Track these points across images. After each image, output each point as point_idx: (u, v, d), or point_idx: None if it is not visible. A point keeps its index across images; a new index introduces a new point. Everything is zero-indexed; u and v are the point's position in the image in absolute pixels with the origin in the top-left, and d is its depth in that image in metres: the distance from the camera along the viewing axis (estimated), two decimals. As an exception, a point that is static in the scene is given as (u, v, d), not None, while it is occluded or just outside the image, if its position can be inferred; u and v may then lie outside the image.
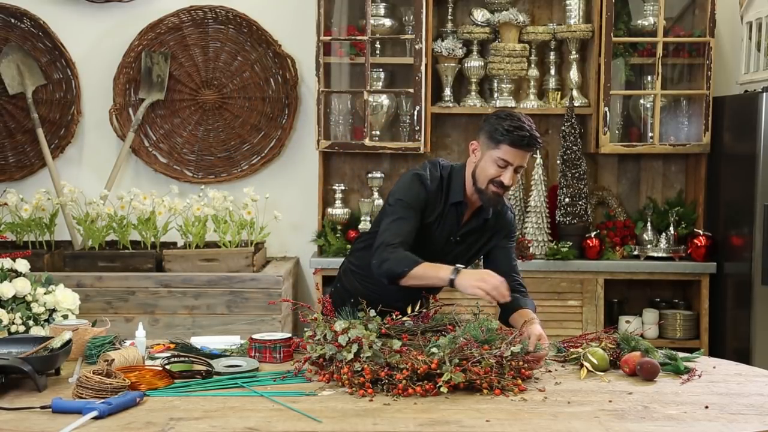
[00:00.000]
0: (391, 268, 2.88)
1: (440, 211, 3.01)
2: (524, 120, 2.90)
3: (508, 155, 2.86)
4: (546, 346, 2.76)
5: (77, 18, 5.08)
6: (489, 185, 2.91)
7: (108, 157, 5.09)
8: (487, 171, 2.90)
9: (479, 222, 3.06)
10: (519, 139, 2.84)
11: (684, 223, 4.91)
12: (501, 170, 2.88)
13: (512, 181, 2.89)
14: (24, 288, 3.21)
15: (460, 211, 3.02)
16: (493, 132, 2.88)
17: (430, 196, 2.98)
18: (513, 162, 2.87)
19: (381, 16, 4.93)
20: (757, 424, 2.25)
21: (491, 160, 2.89)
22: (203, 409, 2.31)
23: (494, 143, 2.88)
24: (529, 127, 2.88)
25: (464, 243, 3.07)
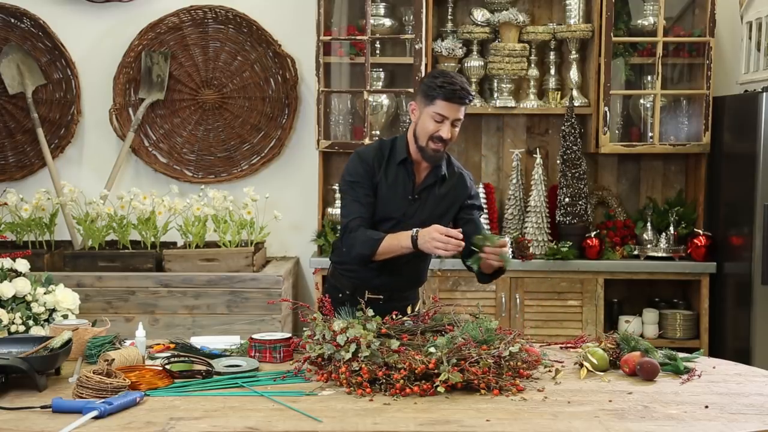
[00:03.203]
0: (359, 252, 3.06)
1: (389, 175, 3.14)
2: (455, 76, 3.07)
3: (443, 109, 3.01)
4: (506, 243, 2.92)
5: (77, 18, 5.08)
6: (429, 142, 3.06)
7: (108, 157, 5.09)
8: (426, 127, 3.05)
9: (436, 178, 3.18)
10: (451, 93, 2.99)
11: (684, 223, 4.91)
12: (438, 125, 3.03)
13: (450, 134, 3.03)
14: (24, 288, 3.21)
15: (410, 170, 3.15)
16: (427, 90, 3.04)
17: (370, 165, 3.13)
18: (448, 116, 3.01)
19: (381, 16, 4.93)
20: (757, 423, 2.25)
21: (428, 116, 3.04)
22: (203, 409, 2.32)
23: (429, 100, 3.03)
24: (461, 82, 3.02)
25: (425, 200, 3.17)
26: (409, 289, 3.29)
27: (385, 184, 3.14)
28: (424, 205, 3.17)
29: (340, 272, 3.30)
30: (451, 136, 3.05)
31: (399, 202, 3.15)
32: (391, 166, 3.15)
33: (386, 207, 3.14)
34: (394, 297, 3.04)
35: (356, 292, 3.11)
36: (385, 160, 3.16)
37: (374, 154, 3.16)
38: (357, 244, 3.06)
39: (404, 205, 3.15)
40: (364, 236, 3.05)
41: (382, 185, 3.14)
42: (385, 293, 2.99)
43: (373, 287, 3.17)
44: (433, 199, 3.18)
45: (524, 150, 5.11)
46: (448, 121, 3.02)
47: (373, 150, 3.19)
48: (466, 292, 4.76)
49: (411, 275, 3.23)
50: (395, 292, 3.15)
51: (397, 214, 3.13)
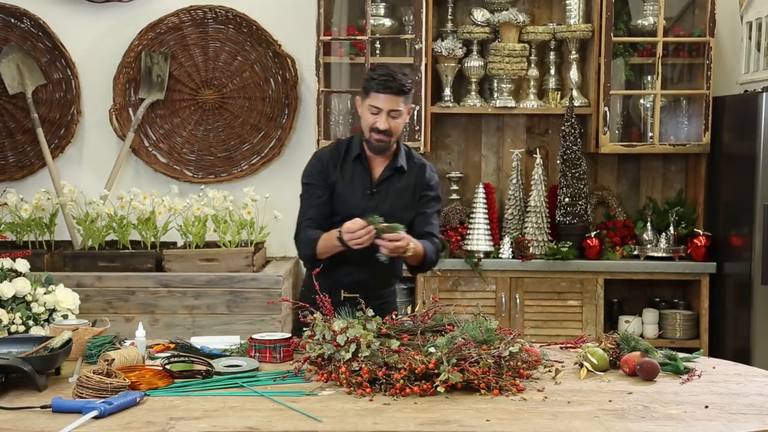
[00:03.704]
0: (303, 253, 3.22)
1: (346, 172, 3.22)
2: (391, 68, 3.13)
3: (378, 101, 3.09)
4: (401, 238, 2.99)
5: (77, 18, 5.08)
6: (371, 133, 3.14)
7: (108, 157, 5.09)
8: (366, 120, 3.15)
9: (393, 170, 3.24)
10: (383, 84, 3.07)
11: (684, 223, 4.91)
12: (375, 117, 3.11)
13: (388, 125, 3.11)
14: (24, 288, 3.21)
15: (365, 165, 3.23)
16: (364, 84, 3.15)
17: (324, 165, 3.23)
18: (383, 107, 3.09)
19: (381, 16, 4.93)
20: (757, 423, 2.25)
21: (366, 109, 3.14)
22: (203, 409, 2.32)
23: (366, 93, 3.14)
24: (394, 72, 3.08)
25: (384, 194, 3.23)
26: (384, 287, 3.30)
27: (342, 181, 3.22)
28: (384, 198, 3.22)
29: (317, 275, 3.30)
30: (391, 127, 3.11)
31: (358, 198, 3.21)
32: (348, 164, 3.24)
33: (346, 204, 3.20)
34: (371, 295, 3.03)
35: (332, 293, 3.06)
36: (341, 158, 3.25)
37: (330, 154, 3.27)
38: (301, 246, 3.23)
39: (363, 200, 3.21)
40: (306, 237, 3.20)
41: (339, 183, 3.22)
42: (361, 292, 3.00)
43: (347, 286, 3.19)
44: (393, 192, 3.23)
45: (524, 150, 5.12)
46: (383, 112, 3.10)
47: (330, 150, 3.31)
48: (466, 292, 4.76)
49: (382, 272, 3.20)
50: (371, 290, 3.14)
51: (358, 210, 3.17)
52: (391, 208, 3.20)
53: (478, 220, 4.82)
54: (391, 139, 3.16)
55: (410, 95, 3.16)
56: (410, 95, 3.16)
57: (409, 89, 3.13)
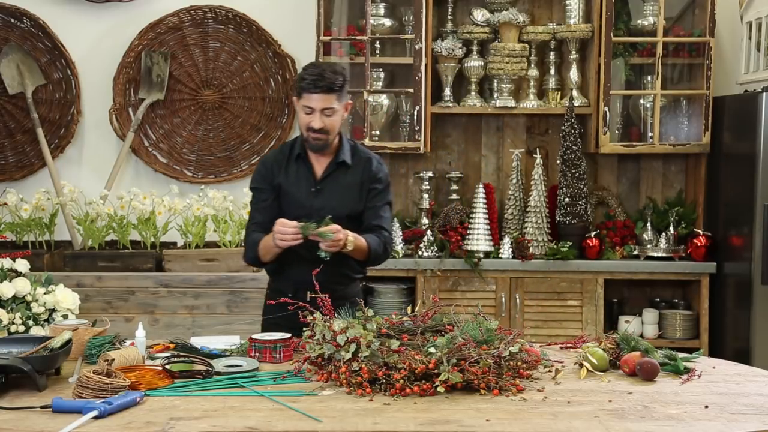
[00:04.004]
0: (248, 256, 3.28)
1: (290, 172, 3.26)
2: (321, 66, 3.17)
3: (309, 101, 3.12)
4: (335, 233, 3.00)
5: (77, 18, 5.08)
6: (308, 133, 3.17)
7: (108, 157, 5.09)
8: (301, 120, 3.19)
9: (335, 166, 3.26)
10: (313, 84, 3.09)
11: (684, 223, 4.91)
12: (309, 116, 3.14)
13: (323, 123, 3.13)
14: (24, 288, 3.21)
15: (307, 163, 3.26)
16: (295, 85, 3.19)
17: (268, 169, 3.28)
18: (316, 106, 3.12)
19: (381, 16, 4.93)
20: (757, 423, 2.25)
21: (300, 109, 3.17)
22: (203, 409, 2.31)
23: (298, 94, 3.16)
24: (323, 71, 3.12)
25: (330, 190, 3.24)
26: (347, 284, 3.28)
27: (287, 182, 3.26)
28: (330, 194, 3.23)
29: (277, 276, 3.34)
30: (326, 125, 3.14)
31: (304, 196, 3.24)
32: (291, 164, 3.28)
33: (293, 203, 3.23)
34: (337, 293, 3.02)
35: (298, 294, 3.05)
36: (285, 159, 3.28)
37: (274, 157, 3.32)
38: (246, 249, 3.29)
39: (309, 198, 3.23)
40: (251, 240, 3.25)
41: (284, 184, 3.26)
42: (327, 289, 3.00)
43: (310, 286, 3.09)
44: (339, 188, 3.25)
45: (524, 150, 5.12)
46: (317, 111, 3.12)
47: (274, 153, 3.37)
48: (466, 292, 4.76)
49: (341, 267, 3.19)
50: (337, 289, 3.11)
51: (306, 209, 3.20)
52: (338, 203, 3.22)
53: (478, 220, 4.82)
54: (328, 137, 3.18)
55: (343, 92, 3.17)
56: (343, 92, 3.17)
57: (339, 86, 3.14)
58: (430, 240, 4.82)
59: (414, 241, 4.85)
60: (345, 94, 3.20)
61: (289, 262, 3.20)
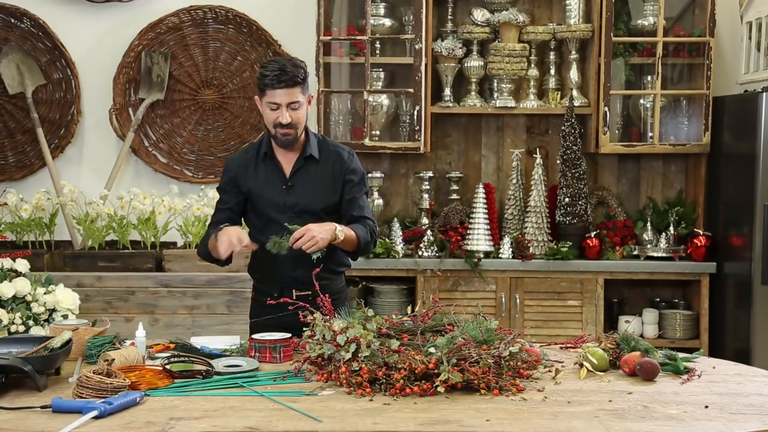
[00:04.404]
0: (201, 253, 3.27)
1: (259, 172, 3.25)
2: (282, 61, 3.14)
3: (274, 97, 3.11)
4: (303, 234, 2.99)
5: (77, 18, 5.08)
6: (276, 129, 3.16)
7: (108, 157, 5.09)
8: (268, 117, 3.17)
9: (303, 161, 3.24)
10: (276, 79, 3.08)
11: (684, 223, 4.91)
12: (276, 112, 3.13)
13: (290, 118, 3.12)
14: (24, 288, 3.21)
15: (275, 161, 3.25)
16: (257, 83, 3.16)
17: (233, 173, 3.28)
18: (281, 102, 3.11)
19: (381, 16, 4.93)
20: (757, 423, 2.25)
21: (265, 106, 3.15)
22: (203, 409, 2.31)
23: (261, 92, 3.14)
24: (284, 66, 3.10)
25: (301, 186, 3.23)
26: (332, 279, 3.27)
27: (256, 182, 3.25)
28: (303, 190, 3.23)
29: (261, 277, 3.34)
30: (293, 119, 3.13)
31: (276, 195, 3.23)
32: (259, 165, 3.26)
33: (265, 203, 3.23)
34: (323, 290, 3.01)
35: (284, 293, 3.09)
36: (252, 160, 3.28)
37: (239, 160, 3.31)
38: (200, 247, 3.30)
39: (281, 195, 3.22)
40: (205, 237, 3.25)
41: (254, 185, 3.25)
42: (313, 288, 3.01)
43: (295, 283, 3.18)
44: (310, 183, 3.24)
45: (524, 150, 5.12)
46: (283, 106, 3.11)
47: (239, 156, 3.36)
48: (466, 292, 4.76)
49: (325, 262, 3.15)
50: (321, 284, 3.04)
51: (279, 206, 3.20)
52: (311, 198, 3.22)
53: (478, 220, 4.82)
54: (297, 131, 3.18)
55: (306, 84, 3.17)
56: (306, 84, 3.17)
57: (303, 79, 3.14)
58: (430, 240, 4.82)
59: (414, 241, 4.85)
60: (307, 87, 3.19)
61: (271, 262, 3.19)
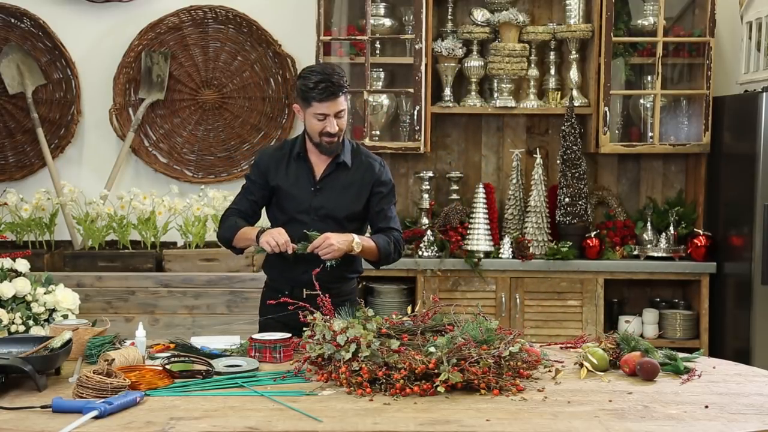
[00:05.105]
0: (223, 235, 3.29)
1: (290, 171, 3.28)
2: (326, 71, 3.15)
3: (322, 108, 3.14)
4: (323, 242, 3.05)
5: (77, 18, 5.08)
6: (321, 137, 3.19)
7: (108, 157, 5.09)
8: (313, 127, 3.19)
9: (335, 166, 3.28)
10: (323, 93, 3.11)
11: (684, 223, 4.91)
12: (323, 122, 3.16)
13: (337, 127, 3.17)
14: (24, 288, 3.21)
15: (307, 163, 3.28)
16: (303, 94, 3.17)
17: (266, 163, 3.30)
18: (328, 112, 3.15)
19: (381, 16, 4.93)
20: (757, 423, 2.25)
21: (311, 116, 3.17)
22: (203, 409, 2.31)
23: (307, 103, 3.16)
24: (329, 76, 3.12)
25: (329, 190, 3.26)
26: (343, 283, 3.30)
27: (286, 181, 3.27)
28: (330, 194, 3.26)
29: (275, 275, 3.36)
30: (340, 127, 3.18)
31: (303, 195, 3.26)
32: (291, 163, 3.29)
33: (293, 201, 3.26)
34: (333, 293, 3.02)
35: (294, 292, 3.14)
36: (285, 158, 3.30)
37: (272, 155, 3.34)
38: (223, 228, 3.31)
39: (309, 197, 3.25)
40: (231, 222, 3.28)
41: (283, 183, 3.27)
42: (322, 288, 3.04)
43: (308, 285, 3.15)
44: (339, 189, 3.27)
45: (524, 150, 5.12)
46: (330, 116, 3.14)
47: (273, 150, 3.39)
48: (466, 292, 4.76)
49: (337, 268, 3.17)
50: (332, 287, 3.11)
51: (304, 207, 3.24)
52: (336, 203, 3.25)
53: (478, 220, 4.82)
54: (340, 138, 3.23)
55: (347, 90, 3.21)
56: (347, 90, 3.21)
57: (347, 87, 3.19)
58: (430, 240, 4.82)
59: (414, 241, 4.85)
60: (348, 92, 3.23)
61: (286, 262, 3.21)
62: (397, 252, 3.30)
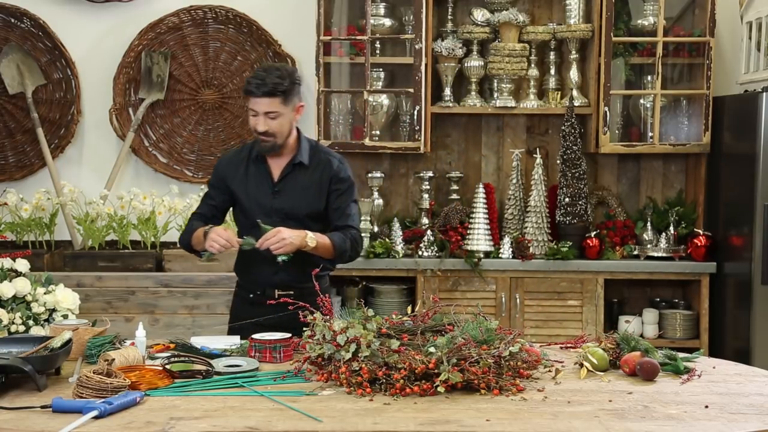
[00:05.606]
0: (181, 239, 3.34)
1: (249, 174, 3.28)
2: (269, 69, 3.15)
3: (253, 105, 3.14)
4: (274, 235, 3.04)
5: (77, 18, 5.08)
6: (257, 136, 3.20)
7: (108, 157, 5.09)
8: (250, 123, 3.21)
9: (292, 167, 3.26)
10: (255, 89, 3.10)
11: (684, 222, 4.91)
12: (255, 119, 3.16)
13: (267, 127, 3.14)
14: (24, 288, 3.21)
15: (266, 165, 3.27)
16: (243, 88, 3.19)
17: (225, 167, 3.33)
18: (257, 110, 3.14)
19: (381, 16, 4.93)
20: (757, 423, 2.25)
21: (249, 112, 3.20)
22: (203, 409, 2.32)
23: (246, 97, 3.19)
24: (267, 75, 3.10)
25: (289, 191, 3.26)
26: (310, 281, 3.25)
27: (246, 184, 3.28)
28: (290, 195, 3.25)
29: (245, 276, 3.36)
30: (270, 128, 3.14)
31: (263, 198, 3.26)
32: (250, 166, 3.29)
33: (254, 204, 3.25)
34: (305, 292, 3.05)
35: (266, 292, 3.16)
36: (244, 162, 3.30)
37: (230, 161, 3.34)
38: (183, 233, 3.35)
39: (269, 199, 3.25)
40: (190, 227, 3.31)
41: (243, 186, 3.28)
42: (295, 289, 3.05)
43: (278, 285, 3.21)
44: (298, 189, 3.26)
45: (524, 150, 5.12)
46: (260, 114, 3.13)
47: (231, 155, 3.39)
48: (466, 292, 4.76)
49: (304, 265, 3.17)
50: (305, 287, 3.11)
51: (266, 209, 3.23)
52: (296, 203, 3.24)
53: (478, 220, 4.82)
54: (275, 140, 3.19)
55: (291, 95, 3.15)
56: (291, 95, 3.15)
57: (283, 90, 3.12)
58: (430, 240, 4.82)
59: (414, 241, 4.85)
60: (293, 97, 3.17)
61: (254, 262, 3.22)
62: (353, 250, 3.27)
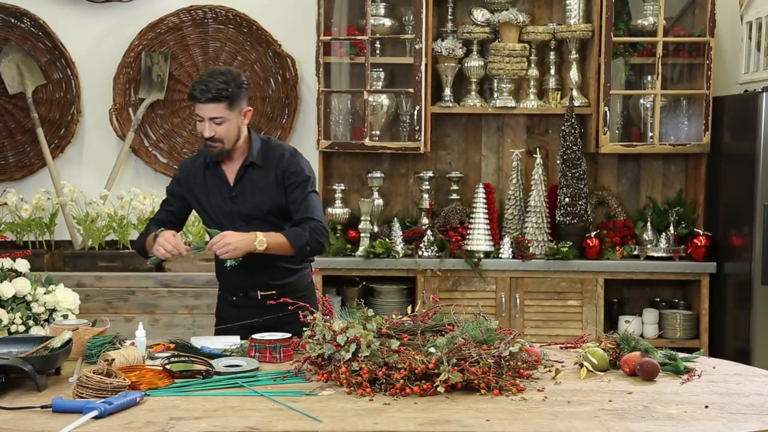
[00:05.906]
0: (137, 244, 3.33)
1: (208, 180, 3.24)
2: (213, 74, 3.10)
3: (198, 110, 3.11)
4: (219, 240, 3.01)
5: (77, 18, 5.08)
6: (204, 141, 3.16)
7: (108, 157, 5.09)
8: (197, 129, 3.17)
9: (246, 170, 3.21)
10: (199, 94, 3.07)
11: (684, 223, 4.91)
12: (201, 124, 3.12)
13: (213, 132, 3.10)
14: (24, 288, 3.20)
15: (220, 170, 3.23)
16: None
17: (184, 175, 3.30)
18: (203, 116, 3.10)
19: (381, 16, 4.93)
20: (757, 423, 2.25)
21: (195, 118, 3.16)
22: (203, 409, 2.32)
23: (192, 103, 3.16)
24: (210, 80, 3.07)
25: (246, 194, 3.20)
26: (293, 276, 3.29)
27: (205, 190, 3.24)
28: (247, 197, 3.21)
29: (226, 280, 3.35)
30: (216, 133, 3.10)
31: (222, 203, 3.22)
32: (207, 172, 3.25)
33: (215, 209, 3.22)
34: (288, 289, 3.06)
35: (248, 294, 3.17)
36: (201, 168, 3.26)
37: (189, 168, 3.31)
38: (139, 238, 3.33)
39: (227, 204, 3.22)
40: (145, 230, 3.31)
41: (202, 192, 3.24)
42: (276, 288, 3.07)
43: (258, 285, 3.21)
44: (255, 189, 3.21)
45: (524, 150, 5.12)
46: (206, 120, 3.10)
47: (190, 162, 3.36)
48: (466, 292, 4.76)
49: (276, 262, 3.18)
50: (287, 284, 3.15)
51: (226, 213, 3.21)
52: (256, 204, 3.20)
53: (478, 220, 4.82)
54: (222, 145, 3.14)
55: (237, 100, 3.12)
56: (237, 100, 3.12)
57: (228, 96, 3.08)
58: (430, 240, 4.82)
59: (414, 241, 4.85)
60: (240, 102, 3.14)
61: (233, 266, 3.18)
62: (315, 241, 3.17)
